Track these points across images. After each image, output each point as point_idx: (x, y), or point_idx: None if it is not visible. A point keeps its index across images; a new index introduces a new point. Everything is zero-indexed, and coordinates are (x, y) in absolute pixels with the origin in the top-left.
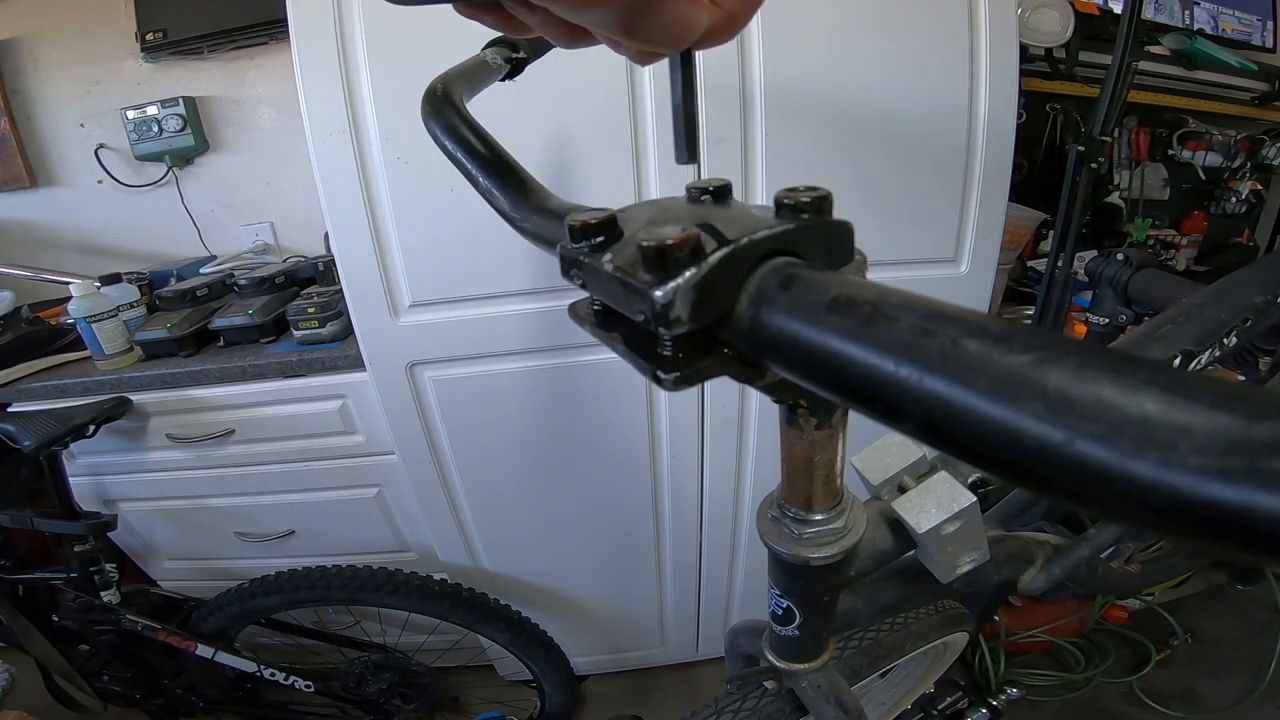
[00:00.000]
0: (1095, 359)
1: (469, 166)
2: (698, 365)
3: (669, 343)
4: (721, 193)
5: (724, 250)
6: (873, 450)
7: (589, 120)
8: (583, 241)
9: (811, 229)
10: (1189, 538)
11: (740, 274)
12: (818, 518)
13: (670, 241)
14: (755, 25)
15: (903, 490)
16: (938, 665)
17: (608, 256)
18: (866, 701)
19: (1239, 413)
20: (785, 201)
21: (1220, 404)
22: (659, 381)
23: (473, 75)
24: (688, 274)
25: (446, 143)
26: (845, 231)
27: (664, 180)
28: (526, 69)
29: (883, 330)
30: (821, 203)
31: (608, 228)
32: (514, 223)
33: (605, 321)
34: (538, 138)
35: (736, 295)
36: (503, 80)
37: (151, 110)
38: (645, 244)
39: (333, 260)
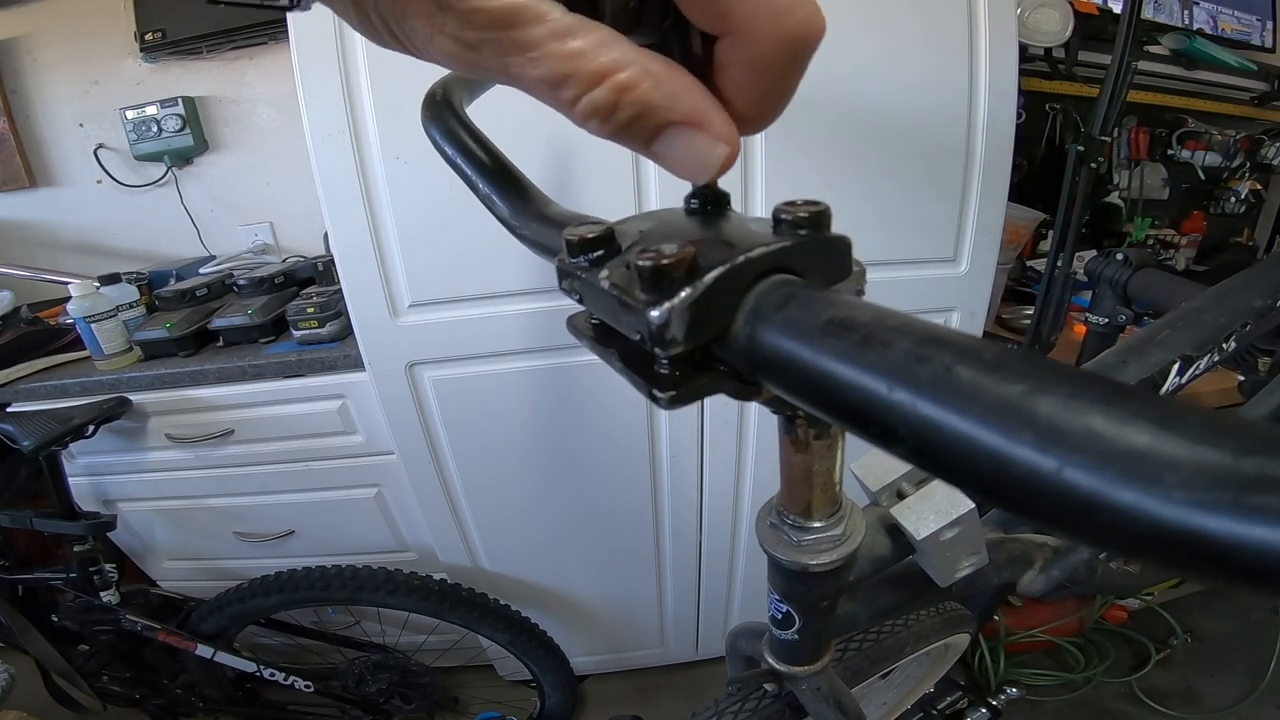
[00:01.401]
0: (1086, 389)
1: (468, 172)
2: (694, 383)
3: (665, 361)
4: (720, 204)
5: (720, 269)
6: (872, 457)
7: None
8: (579, 256)
9: (809, 245)
10: (1174, 568)
11: (737, 292)
12: (816, 525)
13: (666, 261)
14: None
15: (901, 496)
16: (939, 666)
17: (604, 273)
18: (867, 702)
19: (1226, 447)
20: (783, 217)
21: (1208, 438)
22: (655, 400)
23: (473, 78)
24: (683, 294)
25: (446, 148)
26: (843, 247)
27: (663, 186)
28: None
29: (877, 354)
30: (820, 218)
31: (604, 242)
32: (513, 230)
33: (603, 336)
34: (538, 143)
35: (733, 314)
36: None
37: (151, 110)
38: (641, 263)
39: (332, 260)
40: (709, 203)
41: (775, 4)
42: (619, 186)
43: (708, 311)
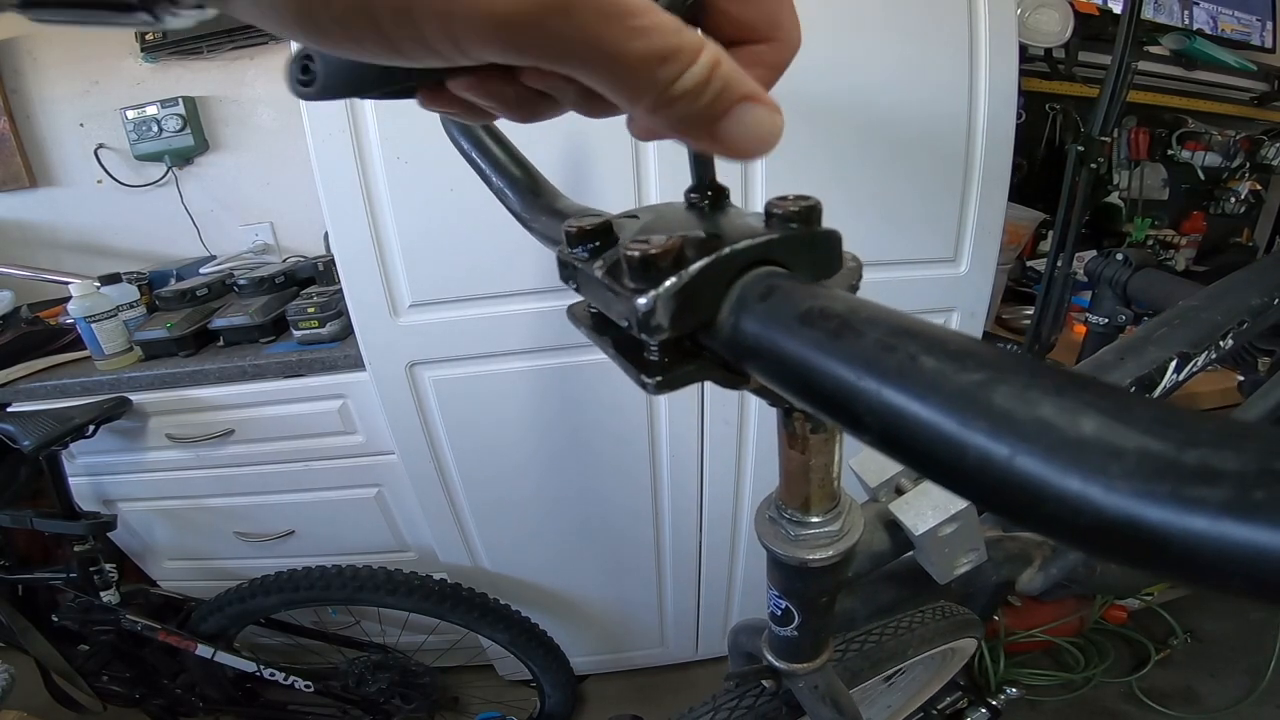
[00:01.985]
0: (1043, 380)
1: (483, 166)
2: (681, 370)
3: (654, 348)
4: (718, 199)
5: (705, 260)
6: (870, 452)
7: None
8: (578, 247)
9: (796, 239)
10: (1115, 558)
11: (722, 283)
12: (815, 520)
13: (653, 251)
14: None
15: (900, 492)
16: (944, 671)
17: (599, 263)
18: (869, 705)
19: (1171, 438)
20: (774, 211)
21: (1154, 429)
22: (644, 385)
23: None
24: (669, 283)
25: (463, 142)
26: (832, 241)
27: (662, 181)
28: None
29: (848, 343)
30: (810, 212)
31: (601, 234)
32: (524, 222)
33: (599, 325)
34: (553, 138)
35: (719, 304)
36: None
37: (151, 110)
38: (629, 253)
39: (332, 260)
40: (709, 197)
41: (796, 19)
42: (625, 181)
43: (693, 300)
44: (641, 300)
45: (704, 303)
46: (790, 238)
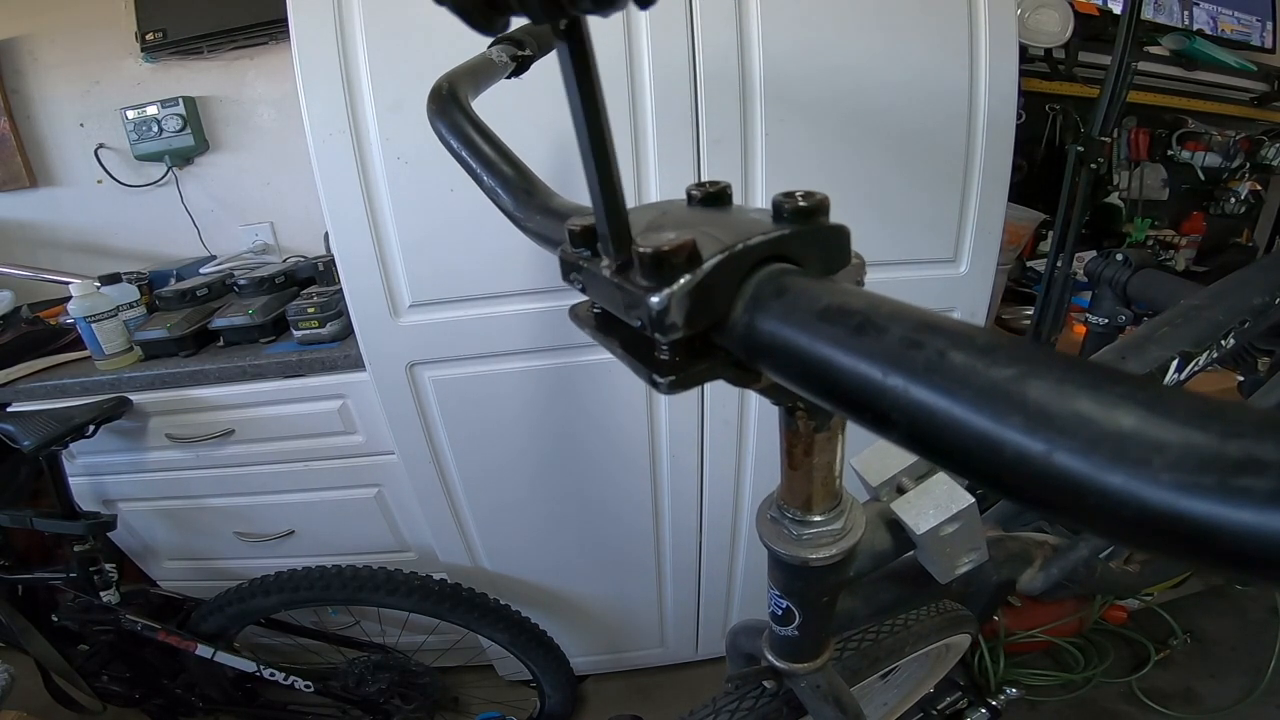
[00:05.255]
0: (1077, 374)
1: (474, 165)
2: (694, 369)
3: (665, 347)
4: (721, 196)
5: (719, 257)
6: (872, 452)
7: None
8: (582, 246)
9: (807, 234)
10: (1160, 552)
11: (735, 280)
12: (816, 519)
13: (666, 248)
14: (755, 23)
15: (901, 491)
16: (940, 667)
17: (606, 262)
18: (866, 702)
19: (1213, 430)
20: (783, 205)
21: (1195, 421)
22: (655, 385)
23: (479, 73)
24: (683, 280)
25: (452, 141)
26: (841, 236)
27: (663, 178)
28: (532, 66)
29: (872, 340)
30: (818, 207)
31: None
32: (518, 222)
33: (605, 325)
34: (542, 137)
35: (732, 301)
36: (509, 77)
37: (151, 110)
38: (641, 250)
39: (333, 260)
40: (710, 194)
41: None
42: (624, 179)
43: (707, 298)
44: (655, 299)
45: (717, 300)
46: (802, 232)
